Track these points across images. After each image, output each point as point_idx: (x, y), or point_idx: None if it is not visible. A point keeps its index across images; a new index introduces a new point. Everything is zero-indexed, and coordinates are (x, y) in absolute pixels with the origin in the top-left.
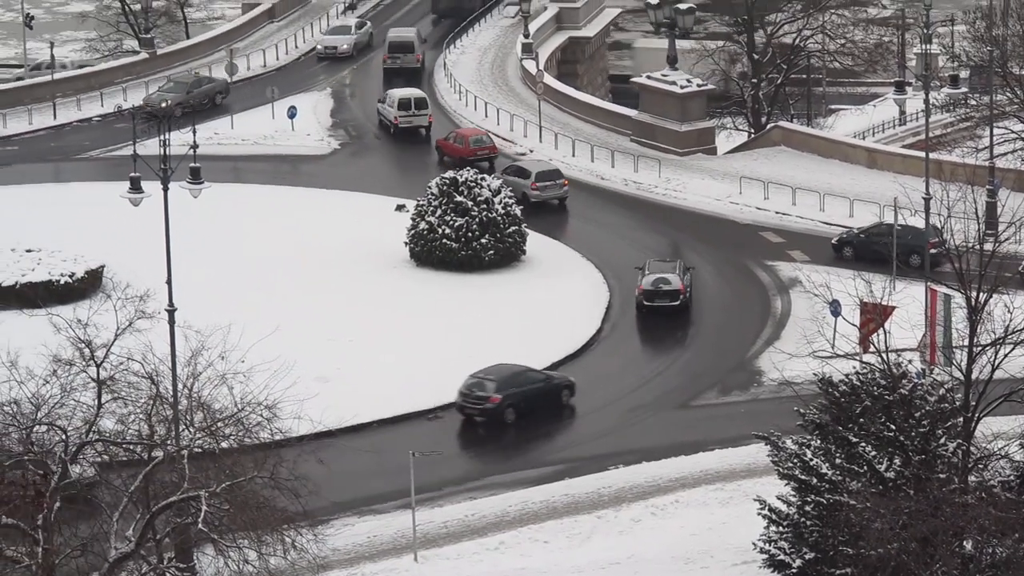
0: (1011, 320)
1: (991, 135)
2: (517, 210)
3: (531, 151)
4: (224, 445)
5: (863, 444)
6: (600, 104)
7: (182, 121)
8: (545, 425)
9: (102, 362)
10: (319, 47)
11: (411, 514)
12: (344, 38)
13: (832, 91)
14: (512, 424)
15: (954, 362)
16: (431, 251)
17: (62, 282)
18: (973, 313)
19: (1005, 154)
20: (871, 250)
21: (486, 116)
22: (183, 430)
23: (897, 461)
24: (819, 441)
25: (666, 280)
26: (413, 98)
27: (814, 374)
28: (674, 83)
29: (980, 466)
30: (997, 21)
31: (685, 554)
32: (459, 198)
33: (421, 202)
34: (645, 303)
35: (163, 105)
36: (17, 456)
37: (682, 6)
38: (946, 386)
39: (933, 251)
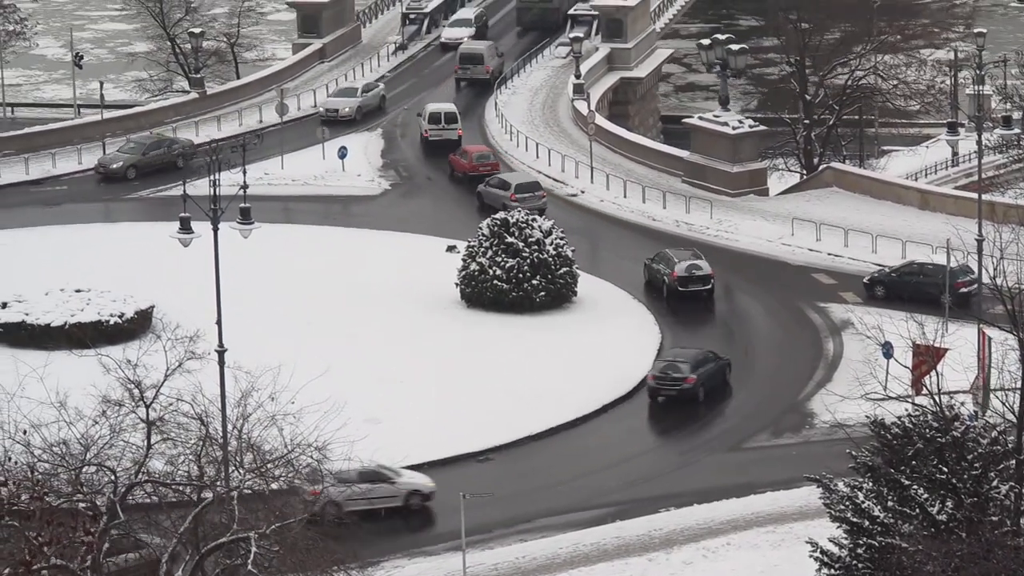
0: None
1: None
2: (568, 251)
3: (582, 192)
4: (274, 486)
5: (915, 487)
6: (652, 145)
7: (233, 160)
8: (596, 466)
9: (152, 403)
10: (321, 109)
11: (461, 556)
12: (347, 100)
13: (884, 132)
14: (563, 463)
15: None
16: (482, 292)
17: (111, 322)
18: None
19: None
20: (902, 289)
21: (537, 157)
22: (233, 471)
23: (949, 504)
24: (871, 484)
25: (698, 266)
26: (443, 112)
27: (866, 416)
28: (726, 124)
29: None
30: None
31: None
32: (510, 239)
33: (472, 243)
34: (680, 289)
35: (115, 167)
36: (66, 497)
37: (734, 47)
38: (998, 428)
39: (964, 290)
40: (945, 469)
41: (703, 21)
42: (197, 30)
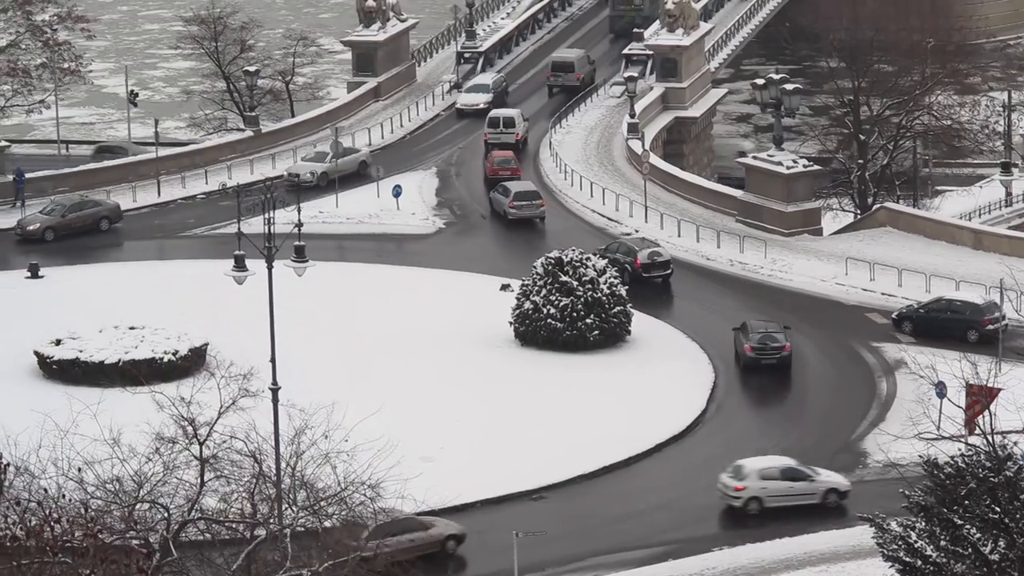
0: None
1: None
2: (622, 290)
3: (636, 231)
4: (327, 524)
5: (968, 526)
6: (706, 184)
7: (287, 199)
8: (649, 505)
9: (205, 440)
10: (285, 172)
11: None
12: (313, 165)
13: (938, 172)
14: (617, 502)
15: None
16: (536, 331)
17: (165, 360)
18: None
19: None
20: (930, 325)
21: (591, 196)
22: (286, 509)
23: (1002, 543)
24: (924, 523)
25: (659, 253)
26: (502, 117)
27: (919, 456)
28: (780, 163)
29: None
30: None
31: None
32: (564, 278)
33: (526, 282)
34: (643, 275)
35: (31, 228)
36: (119, 534)
37: (788, 86)
38: None
39: (991, 326)
40: (998, 509)
41: (758, 61)
42: (252, 68)
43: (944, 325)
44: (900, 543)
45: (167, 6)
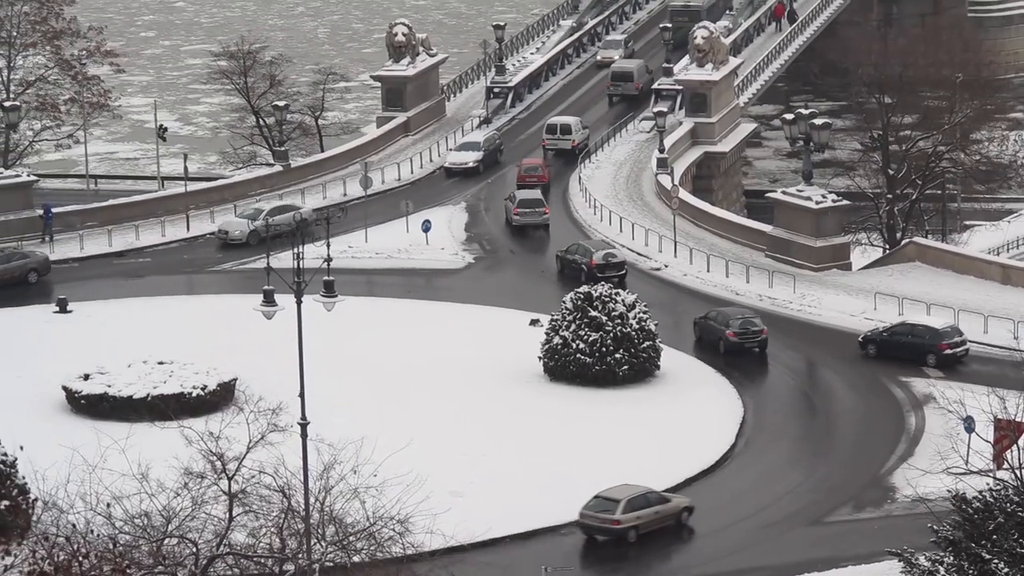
0: None
1: None
2: (652, 325)
3: (666, 266)
4: (356, 559)
5: (996, 561)
6: (735, 219)
7: (317, 233)
8: (677, 541)
9: (234, 475)
10: (217, 228)
11: None
12: (246, 222)
13: (967, 207)
14: (645, 536)
15: None
16: (565, 366)
17: (194, 395)
18: None
19: None
20: (893, 348)
21: (621, 231)
22: (315, 544)
23: None
24: (952, 558)
25: (613, 255)
26: (559, 124)
27: (947, 491)
28: (809, 198)
29: None
30: None
31: None
32: (593, 313)
33: (555, 317)
34: (598, 275)
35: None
36: (148, 569)
37: (817, 121)
38: None
39: (949, 351)
40: None
41: (787, 96)
42: (281, 103)
43: (905, 348)
44: None
45: (209, 41)
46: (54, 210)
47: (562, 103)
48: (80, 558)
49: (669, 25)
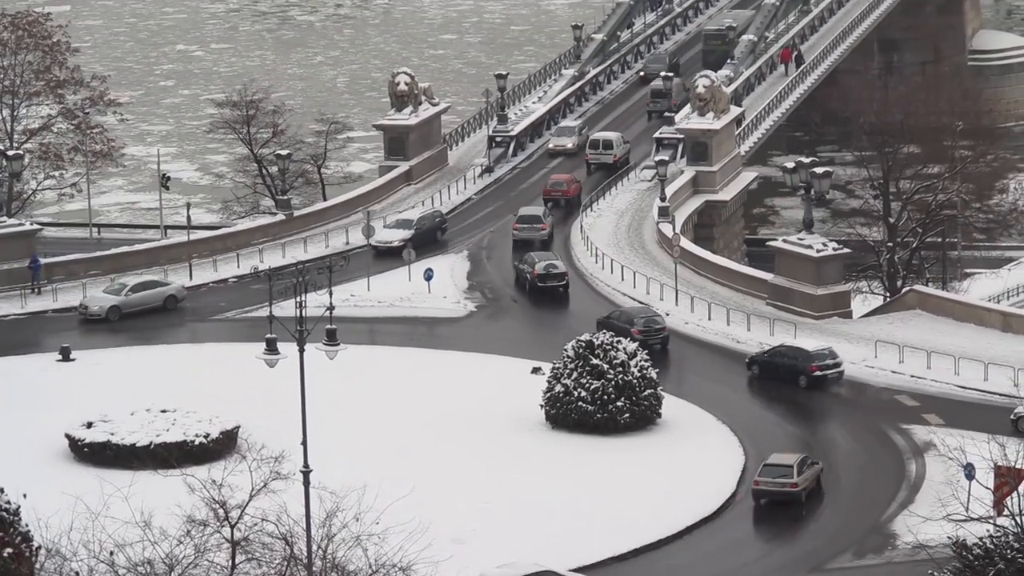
0: None
1: None
2: (653, 373)
3: (667, 314)
4: None
5: None
6: (736, 267)
7: (319, 281)
8: None
9: (236, 523)
10: (78, 304)
11: None
12: (107, 298)
13: (967, 255)
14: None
15: None
16: (567, 414)
17: (197, 443)
18: None
19: None
20: (772, 369)
21: (622, 279)
22: None
23: None
24: None
25: (554, 265)
26: (602, 139)
27: (948, 537)
28: (810, 247)
29: None
30: None
31: None
32: (595, 361)
33: (557, 365)
34: (539, 284)
35: None
36: None
37: (818, 170)
38: None
39: (818, 373)
40: None
41: (788, 145)
42: (284, 152)
43: (782, 369)
44: None
45: (228, 90)
46: (53, 258)
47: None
48: None
49: (671, 74)
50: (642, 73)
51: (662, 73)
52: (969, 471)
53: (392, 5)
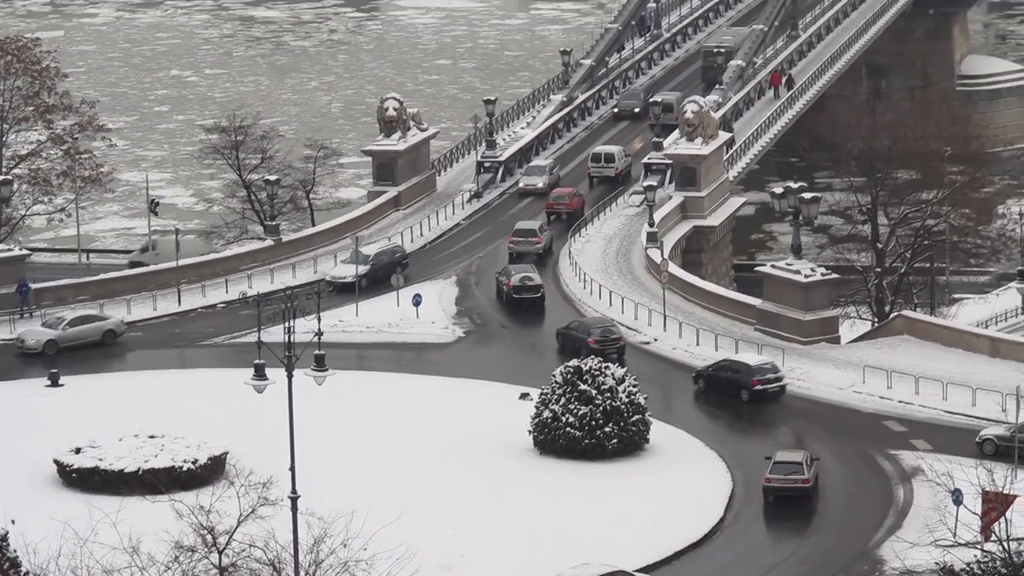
0: None
1: None
2: (641, 399)
3: (655, 339)
4: None
5: None
6: (724, 293)
7: (307, 307)
8: None
9: (224, 548)
10: (14, 337)
11: None
12: (44, 332)
13: (955, 280)
14: None
15: None
16: (555, 439)
17: (185, 468)
18: None
19: None
20: (716, 383)
21: (610, 304)
22: None
23: None
24: None
25: (530, 278)
26: (604, 153)
27: (936, 563)
28: (798, 272)
29: None
30: None
31: None
32: (583, 386)
33: (545, 390)
34: (514, 296)
35: None
36: None
37: (806, 195)
38: None
39: (759, 387)
40: None
41: (780, 171)
42: (272, 177)
43: (725, 383)
44: None
45: (219, 115)
46: (42, 283)
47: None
48: None
49: (659, 100)
50: (616, 109)
51: (540, 185)
52: (957, 497)
53: (386, 31)
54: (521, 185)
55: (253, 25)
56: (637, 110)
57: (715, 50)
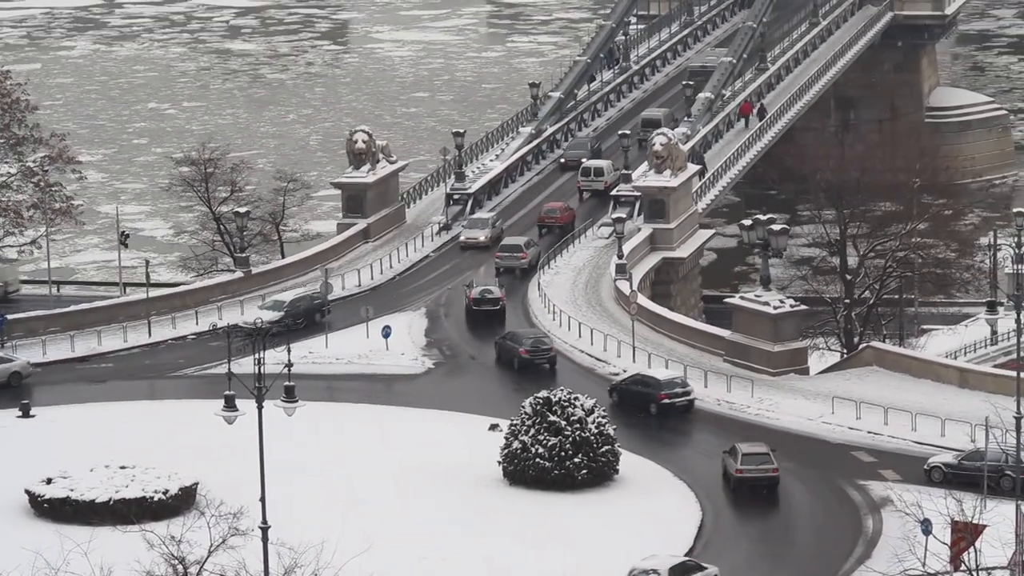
0: None
1: None
2: (610, 429)
3: (624, 371)
4: None
5: None
6: (693, 324)
7: (277, 340)
8: None
9: None
10: None
11: None
12: None
13: (924, 311)
14: None
15: None
16: (524, 470)
17: (156, 499)
18: None
19: None
20: (629, 396)
21: (580, 336)
22: None
23: None
24: None
25: (490, 291)
26: (593, 167)
27: None
28: (767, 303)
29: None
30: None
31: None
32: (552, 417)
33: (515, 421)
34: (474, 308)
35: None
36: None
37: (775, 227)
38: None
39: (667, 400)
40: None
41: (745, 201)
42: (242, 209)
43: (636, 397)
44: None
45: (191, 147)
46: (7, 317)
47: (522, 209)
48: None
49: (628, 132)
50: (563, 160)
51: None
52: (926, 527)
53: (363, 63)
54: (462, 238)
55: (230, 58)
56: (585, 160)
57: (699, 70)
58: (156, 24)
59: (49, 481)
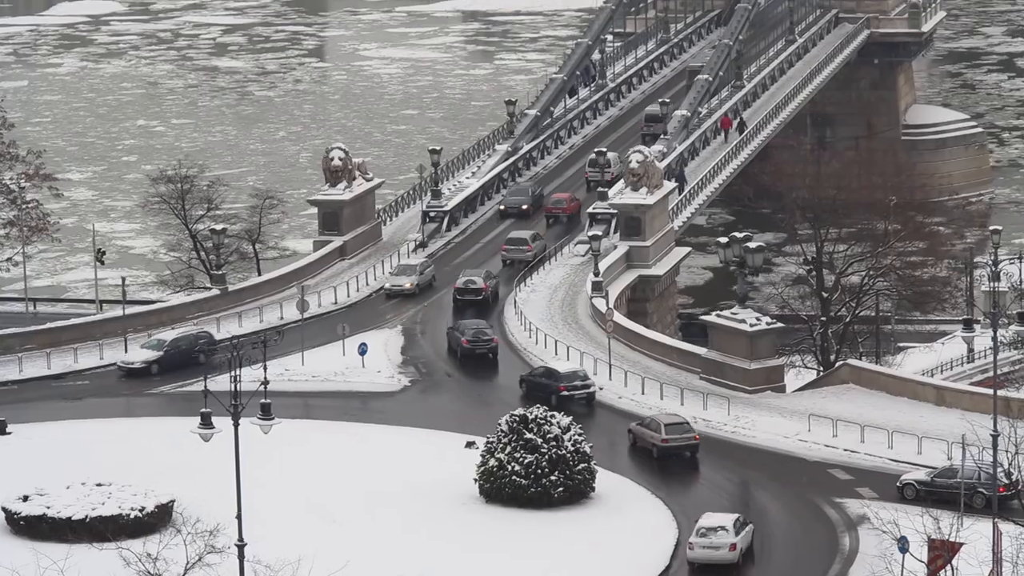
0: None
1: None
2: (587, 447)
3: (600, 388)
4: None
5: None
6: (669, 342)
7: (254, 356)
8: None
9: None
10: None
11: None
12: None
13: (900, 329)
14: None
15: None
16: (500, 488)
17: (132, 516)
18: None
19: None
20: (534, 388)
21: (556, 354)
22: None
23: None
24: None
25: (472, 281)
26: (600, 160)
27: None
28: (743, 321)
29: None
30: None
31: None
32: (529, 435)
33: (491, 439)
34: (458, 298)
35: None
36: None
37: (751, 244)
38: None
39: (566, 392)
40: None
41: (721, 220)
42: (218, 227)
43: (540, 388)
44: None
45: (189, 165)
46: None
47: (498, 227)
48: None
49: (594, 156)
50: (502, 207)
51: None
52: (903, 544)
53: (351, 81)
54: (388, 286)
55: (218, 75)
56: (525, 207)
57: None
58: (143, 41)
59: (25, 498)
